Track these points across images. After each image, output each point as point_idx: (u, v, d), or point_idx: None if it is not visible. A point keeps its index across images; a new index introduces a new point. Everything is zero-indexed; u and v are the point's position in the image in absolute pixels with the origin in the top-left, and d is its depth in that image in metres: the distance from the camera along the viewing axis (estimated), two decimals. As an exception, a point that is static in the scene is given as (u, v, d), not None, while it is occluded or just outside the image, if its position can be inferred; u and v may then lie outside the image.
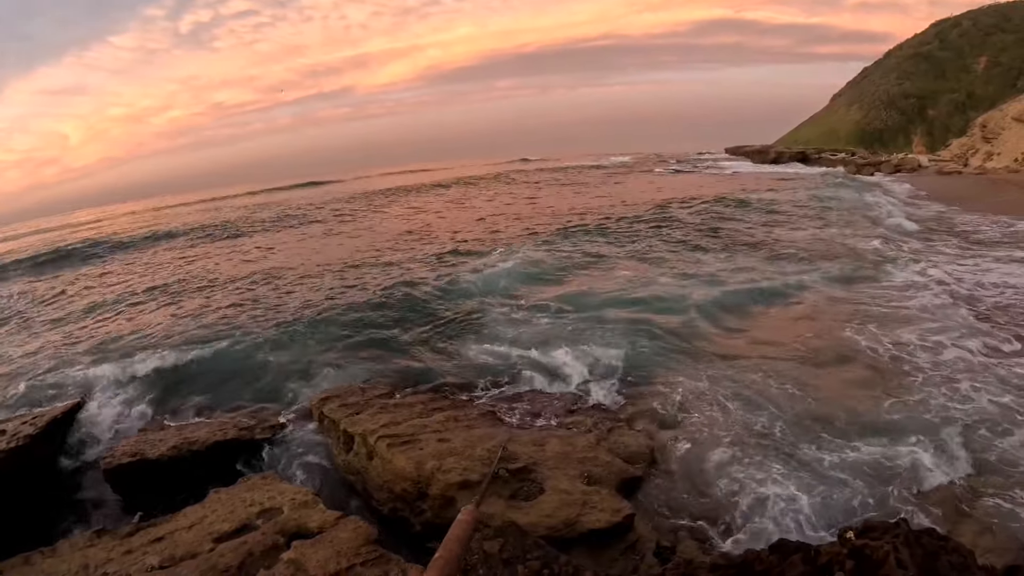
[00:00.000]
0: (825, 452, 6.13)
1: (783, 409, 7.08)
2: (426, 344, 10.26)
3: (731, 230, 19.21)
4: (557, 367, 8.71)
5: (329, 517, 4.96)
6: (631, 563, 4.61)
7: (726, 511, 5.46)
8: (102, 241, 30.19)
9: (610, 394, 7.91)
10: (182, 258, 22.81)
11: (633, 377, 8.36)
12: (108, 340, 11.83)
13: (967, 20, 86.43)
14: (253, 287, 15.44)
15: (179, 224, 35.42)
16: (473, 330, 10.68)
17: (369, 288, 13.78)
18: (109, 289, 17.93)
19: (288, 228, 29.06)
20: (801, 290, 11.83)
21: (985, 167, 36.75)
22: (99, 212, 73.37)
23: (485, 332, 10.50)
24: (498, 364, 9.07)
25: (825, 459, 6.01)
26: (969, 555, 3.15)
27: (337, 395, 7.48)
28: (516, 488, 5.31)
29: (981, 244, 15.42)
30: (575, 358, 8.85)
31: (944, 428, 6.37)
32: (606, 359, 8.80)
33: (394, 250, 19.13)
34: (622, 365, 8.64)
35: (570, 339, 9.67)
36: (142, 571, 4.54)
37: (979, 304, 10.21)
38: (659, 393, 7.82)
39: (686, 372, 8.36)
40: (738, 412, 7.11)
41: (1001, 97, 53.36)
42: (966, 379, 7.42)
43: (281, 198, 53.73)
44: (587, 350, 9.11)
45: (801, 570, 3.19)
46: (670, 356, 8.99)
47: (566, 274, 14.37)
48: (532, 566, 3.72)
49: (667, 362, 8.79)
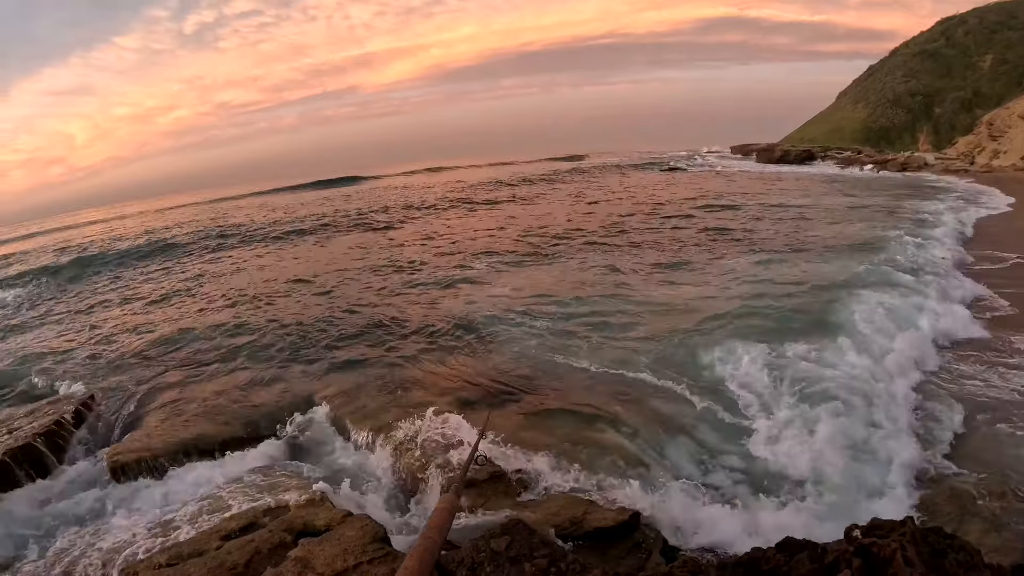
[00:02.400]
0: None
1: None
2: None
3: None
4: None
5: (336, 515, 4.97)
6: (638, 560, 4.61)
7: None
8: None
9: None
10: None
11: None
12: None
13: (973, 18, 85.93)
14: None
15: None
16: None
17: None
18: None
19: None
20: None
21: (991, 165, 36.59)
22: (119, 209, 73.41)
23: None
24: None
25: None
26: (976, 553, 3.14)
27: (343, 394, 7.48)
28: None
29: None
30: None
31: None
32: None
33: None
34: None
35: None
36: (149, 569, 4.56)
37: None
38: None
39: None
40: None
41: (1008, 95, 53.12)
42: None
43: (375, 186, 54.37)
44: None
45: (808, 568, 3.19)
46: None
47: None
48: (539, 563, 3.73)
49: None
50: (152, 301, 16.06)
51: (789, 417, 6.53)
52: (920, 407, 6.92)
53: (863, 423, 6.35)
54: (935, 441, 6.21)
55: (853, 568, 3.02)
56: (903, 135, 78.41)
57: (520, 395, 7.91)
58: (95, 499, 6.29)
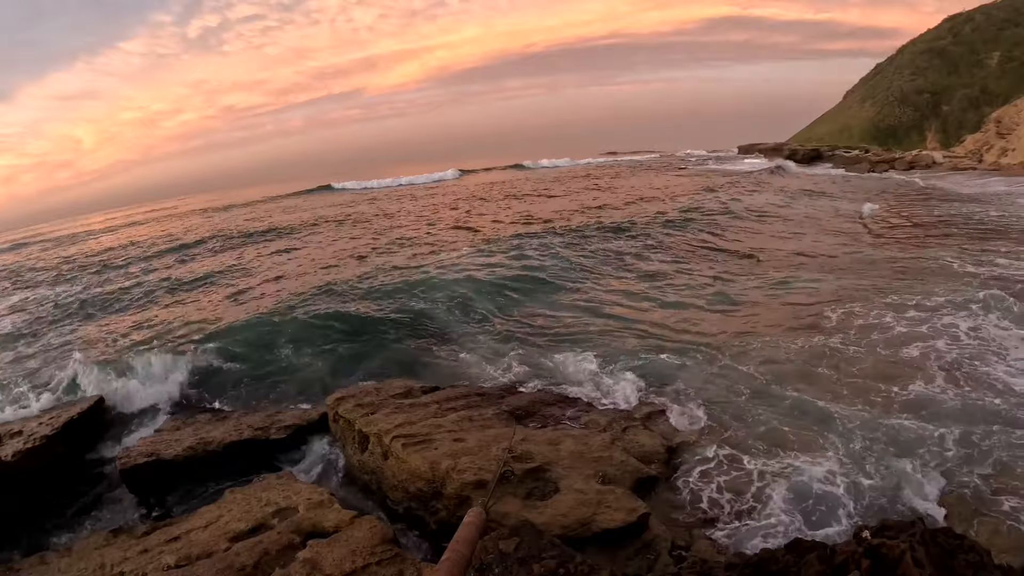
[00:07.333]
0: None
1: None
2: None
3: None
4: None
5: (345, 516, 4.99)
6: (646, 562, 4.60)
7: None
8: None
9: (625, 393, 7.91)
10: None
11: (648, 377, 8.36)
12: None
13: (980, 15, 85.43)
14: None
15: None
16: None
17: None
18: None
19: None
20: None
21: (1000, 163, 36.40)
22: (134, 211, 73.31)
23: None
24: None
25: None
26: (985, 554, 3.13)
27: (352, 395, 7.49)
28: (531, 487, 5.32)
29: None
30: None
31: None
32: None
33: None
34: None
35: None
36: (158, 570, 4.59)
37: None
38: (675, 392, 7.83)
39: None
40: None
41: (1015, 92, 52.75)
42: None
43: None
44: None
45: (817, 569, 3.18)
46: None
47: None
48: (547, 565, 3.73)
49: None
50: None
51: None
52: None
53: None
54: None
55: (862, 569, 3.02)
56: (911, 133, 77.93)
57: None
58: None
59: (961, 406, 6.79)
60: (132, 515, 6.42)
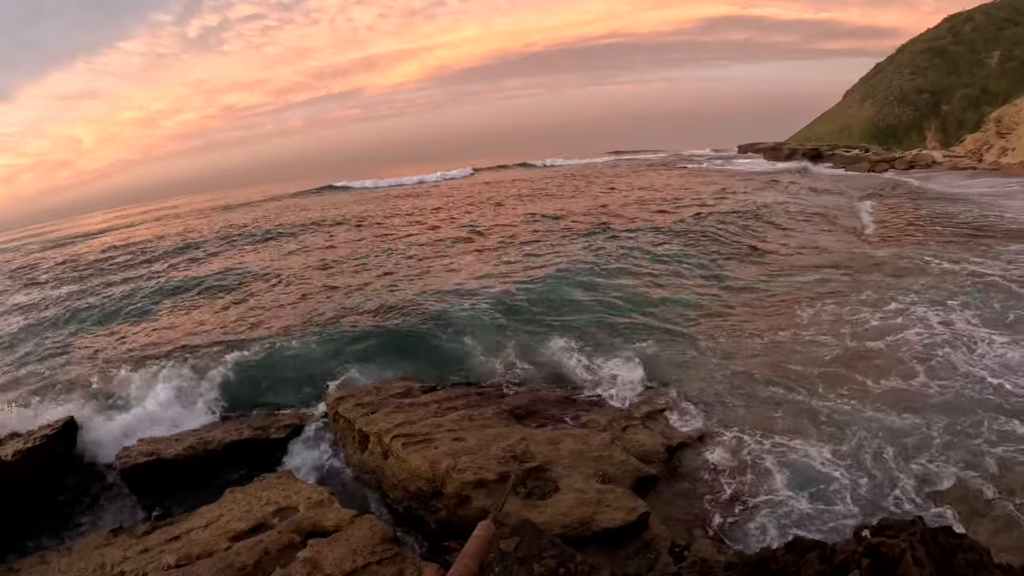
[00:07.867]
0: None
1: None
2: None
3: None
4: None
5: (345, 516, 4.99)
6: (646, 561, 4.60)
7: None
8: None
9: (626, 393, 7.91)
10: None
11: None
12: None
13: (980, 14, 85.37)
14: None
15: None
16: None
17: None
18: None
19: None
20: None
21: (1000, 162, 36.33)
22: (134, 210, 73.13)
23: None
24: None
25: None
26: (985, 553, 3.14)
27: (352, 395, 7.50)
28: (531, 487, 5.32)
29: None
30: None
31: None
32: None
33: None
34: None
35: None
36: (159, 569, 4.59)
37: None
38: (676, 392, 7.84)
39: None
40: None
41: (1015, 91, 52.67)
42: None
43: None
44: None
45: (817, 568, 3.19)
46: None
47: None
48: (548, 564, 3.74)
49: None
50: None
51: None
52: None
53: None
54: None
55: (862, 568, 3.02)
56: (911, 133, 77.85)
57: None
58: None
59: (997, 401, 6.78)
60: (132, 515, 6.43)
